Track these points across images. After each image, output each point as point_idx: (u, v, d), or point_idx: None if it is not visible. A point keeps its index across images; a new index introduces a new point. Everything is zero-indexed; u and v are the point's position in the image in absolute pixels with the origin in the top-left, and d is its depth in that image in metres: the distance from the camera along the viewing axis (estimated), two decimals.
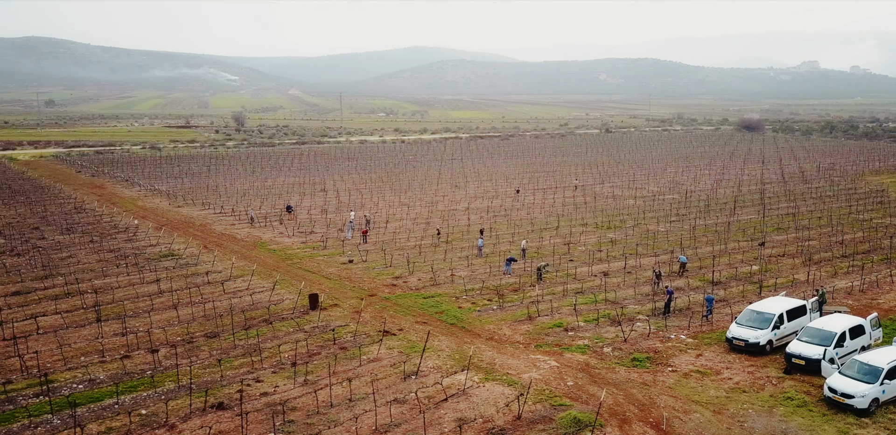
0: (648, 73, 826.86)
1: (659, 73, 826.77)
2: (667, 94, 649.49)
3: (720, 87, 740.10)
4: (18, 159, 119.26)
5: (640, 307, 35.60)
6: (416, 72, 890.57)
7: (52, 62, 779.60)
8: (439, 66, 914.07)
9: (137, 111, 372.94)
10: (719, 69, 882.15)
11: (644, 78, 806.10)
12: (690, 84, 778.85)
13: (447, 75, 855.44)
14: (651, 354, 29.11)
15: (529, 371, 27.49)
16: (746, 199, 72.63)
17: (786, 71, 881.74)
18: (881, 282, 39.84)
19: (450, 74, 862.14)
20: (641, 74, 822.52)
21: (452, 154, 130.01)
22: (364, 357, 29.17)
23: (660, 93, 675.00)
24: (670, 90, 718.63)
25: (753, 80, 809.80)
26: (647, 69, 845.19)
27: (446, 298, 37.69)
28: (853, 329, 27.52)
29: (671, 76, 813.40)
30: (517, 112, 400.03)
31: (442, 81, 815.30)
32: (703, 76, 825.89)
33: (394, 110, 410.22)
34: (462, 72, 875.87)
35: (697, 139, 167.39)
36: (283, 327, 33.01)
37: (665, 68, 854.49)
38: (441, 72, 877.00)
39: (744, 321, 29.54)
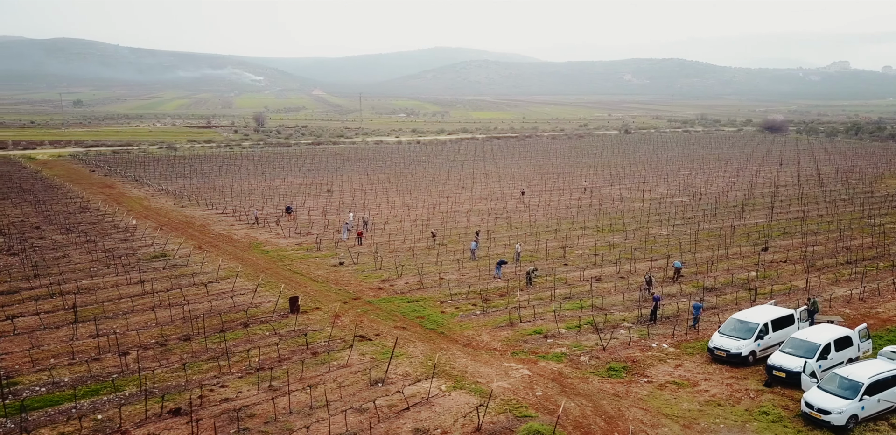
0: (674, 74, 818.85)
1: (685, 74, 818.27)
2: (692, 95, 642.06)
3: (747, 88, 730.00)
4: (37, 159, 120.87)
5: (626, 314, 34.61)
6: (438, 72, 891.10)
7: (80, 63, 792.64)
8: (462, 66, 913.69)
9: (162, 111, 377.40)
10: (746, 69, 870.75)
11: (669, 78, 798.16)
12: (717, 84, 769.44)
13: (470, 76, 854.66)
14: (629, 363, 28.15)
15: (500, 380, 26.70)
16: (757, 202, 70.91)
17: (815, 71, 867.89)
18: (883, 290, 38.35)
19: (472, 75, 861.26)
20: (667, 75, 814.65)
21: (466, 155, 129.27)
22: (334, 363, 28.60)
23: (685, 93, 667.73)
24: (696, 91, 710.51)
25: (781, 80, 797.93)
26: (673, 69, 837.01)
27: (430, 303, 36.99)
28: (839, 340, 26.31)
29: (697, 77, 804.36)
30: (539, 113, 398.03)
31: (465, 82, 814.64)
32: (730, 77, 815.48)
33: (415, 111, 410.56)
34: (485, 72, 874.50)
35: (717, 141, 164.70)
36: (258, 331, 32.56)
37: (691, 68, 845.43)
38: (464, 72, 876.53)
39: (727, 331, 28.45)
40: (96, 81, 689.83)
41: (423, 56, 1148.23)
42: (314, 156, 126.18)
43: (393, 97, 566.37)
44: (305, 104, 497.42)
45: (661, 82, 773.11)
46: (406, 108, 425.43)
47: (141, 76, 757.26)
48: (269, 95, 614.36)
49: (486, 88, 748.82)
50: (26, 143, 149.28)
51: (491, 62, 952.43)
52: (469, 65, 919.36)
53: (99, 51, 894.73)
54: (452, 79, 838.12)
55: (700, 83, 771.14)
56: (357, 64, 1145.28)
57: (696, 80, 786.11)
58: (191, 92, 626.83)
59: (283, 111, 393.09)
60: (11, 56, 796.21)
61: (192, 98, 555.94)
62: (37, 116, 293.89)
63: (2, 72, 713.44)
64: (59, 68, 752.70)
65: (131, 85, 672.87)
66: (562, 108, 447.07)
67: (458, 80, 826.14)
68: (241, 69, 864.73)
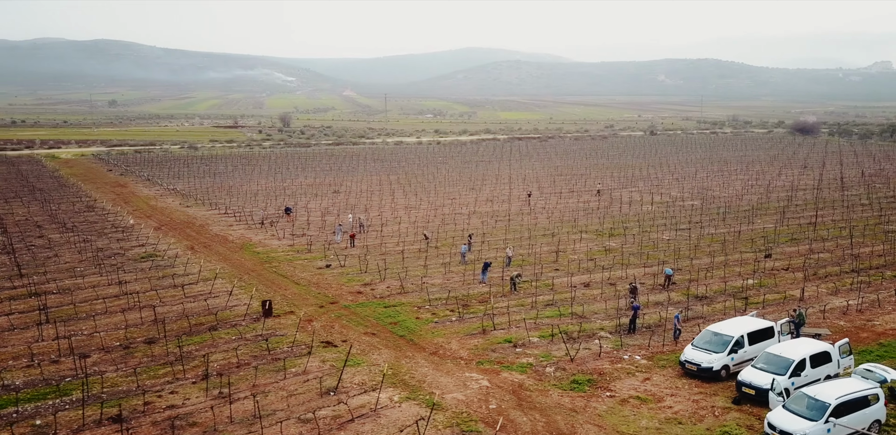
0: (709, 74, 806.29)
1: (720, 74, 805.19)
2: (727, 96, 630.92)
3: (784, 89, 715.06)
4: (60, 157, 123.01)
5: (606, 323, 33.29)
6: (469, 73, 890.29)
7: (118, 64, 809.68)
8: (493, 66, 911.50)
9: (194, 111, 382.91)
10: (784, 70, 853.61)
11: (704, 79, 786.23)
12: (753, 85, 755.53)
13: (501, 76, 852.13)
14: (595, 376, 26.90)
15: (456, 391, 25.69)
16: (771, 206, 68.59)
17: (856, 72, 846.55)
18: (884, 301, 36.37)
19: (504, 75, 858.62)
20: (701, 75, 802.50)
21: (484, 156, 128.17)
22: (292, 370, 27.86)
23: (720, 94, 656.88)
24: (731, 92, 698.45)
25: (820, 81, 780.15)
26: (708, 70, 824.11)
27: (408, 308, 36.09)
28: (816, 356, 24.73)
29: (733, 77, 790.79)
30: (568, 113, 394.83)
31: (496, 82, 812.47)
32: (767, 77, 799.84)
33: (443, 111, 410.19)
34: (516, 72, 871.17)
35: (744, 143, 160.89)
36: (224, 335, 32.00)
37: (726, 69, 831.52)
38: (495, 72, 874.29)
39: (700, 343, 27.02)
40: (133, 82, 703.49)
41: (455, 56, 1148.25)
42: (332, 156, 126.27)
43: (422, 98, 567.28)
44: (335, 105, 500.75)
45: (695, 83, 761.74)
46: (434, 109, 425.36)
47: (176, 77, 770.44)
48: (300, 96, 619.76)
49: (516, 89, 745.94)
50: (53, 142, 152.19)
51: (522, 62, 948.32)
52: (500, 65, 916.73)
53: (135, 52, 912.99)
54: (483, 79, 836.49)
55: (735, 84, 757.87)
56: (389, 64, 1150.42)
57: (731, 80, 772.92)
58: (224, 92, 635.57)
59: (311, 111, 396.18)
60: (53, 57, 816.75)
61: (225, 98, 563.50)
62: (72, 116, 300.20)
63: (44, 73, 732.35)
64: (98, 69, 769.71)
65: (166, 85, 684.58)
66: (592, 109, 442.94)
67: (488, 81, 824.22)
68: (273, 70, 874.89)
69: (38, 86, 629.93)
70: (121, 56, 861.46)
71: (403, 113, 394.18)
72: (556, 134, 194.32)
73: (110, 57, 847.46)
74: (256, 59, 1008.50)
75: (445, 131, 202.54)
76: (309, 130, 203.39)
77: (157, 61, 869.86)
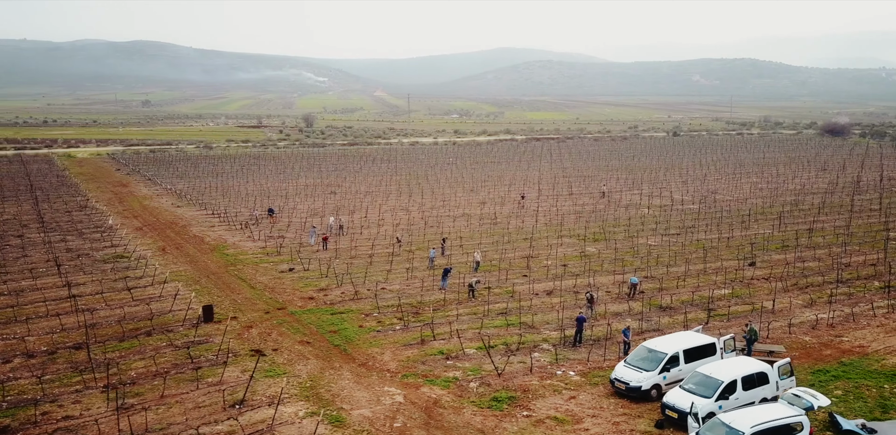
0: (746, 74, 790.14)
1: (757, 74, 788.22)
2: (764, 97, 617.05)
3: (824, 89, 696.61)
4: (76, 157, 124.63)
5: (553, 334, 31.59)
6: (500, 73, 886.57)
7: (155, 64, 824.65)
8: (524, 66, 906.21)
9: (224, 111, 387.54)
10: (823, 70, 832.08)
11: (741, 79, 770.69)
12: (791, 86, 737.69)
13: (532, 76, 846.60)
14: (518, 392, 25.29)
15: (367, 407, 24.34)
16: (774, 210, 65.72)
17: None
18: (859, 315, 33.97)
19: (535, 75, 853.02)
20: (738, 75, 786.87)
21: (496, 157, 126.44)
22: (208, 380, 26.78)
23: (757, 95, 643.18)
24: (768, 92, 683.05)
25: (862, 81, 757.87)
26: (744, 70, 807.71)
27: (355, 315, 34.82)
28: (750, 378, 22.77)
29: (770, 77, 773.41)
30: (597, 114, 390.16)
31: (527, 82, 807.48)
32: (806, 77, 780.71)
33: (470, 112, 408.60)
34: (548, 72, 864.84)
35: (768, 144, 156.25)
36: (155, 341, 31.10)
37: (764, 69, 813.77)
38: (526, 72, 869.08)
39: (633, 360, 25.22)
40: (169, 82, 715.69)
41: (487, 57, 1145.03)
42: (343, 157, 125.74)
43: (451, 98, 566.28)
44: (365, 105, 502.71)
45: (731, 83, 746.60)
46: (461, 109, 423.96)
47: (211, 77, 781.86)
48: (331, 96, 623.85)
49: (548, 89, 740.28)
50: (74, 142, 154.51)
51: (554, 62, 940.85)
52: (532, 65, 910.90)
53: (171, 52, 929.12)
54: (514, 79, 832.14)
55: (773, 84, 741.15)
56: (421, 65, 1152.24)
57: (768, 80, 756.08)
58: (257, 92, 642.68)
59: (339, 112, 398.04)
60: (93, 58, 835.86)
61: (257, 98, 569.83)
62: (103, 116, 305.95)
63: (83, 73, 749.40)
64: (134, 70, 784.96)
65: (201, 86, 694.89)
66: (622, 110, 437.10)
67: (519, 81, 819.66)
68: (306, 70, 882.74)
69: (77, 86, 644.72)
70: (157, 57, 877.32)
71: (430, 113, 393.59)
72: (577, 135, 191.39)
73: (146, 57, 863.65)
74: (290, 59, 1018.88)
75: (464, 132, 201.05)
76: (329, 131, 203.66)
77: (191, 62, 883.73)
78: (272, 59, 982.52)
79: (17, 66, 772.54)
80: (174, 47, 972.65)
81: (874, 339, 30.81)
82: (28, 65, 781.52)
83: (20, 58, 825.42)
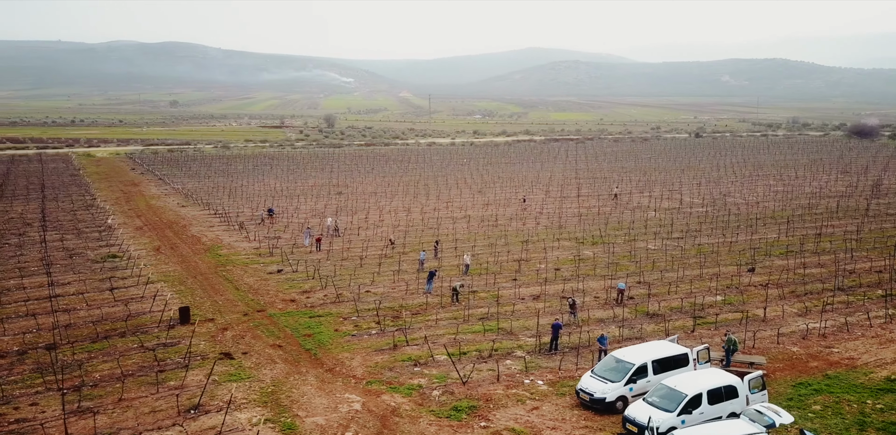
0: (776, 75, 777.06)
1: (788, 75, 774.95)
2: (795, 97, 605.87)
3: (858, 90, 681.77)
4: (95, 156, 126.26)
5: (530, 341, 30.69)
6: (527, 73, 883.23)
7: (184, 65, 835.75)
8: (551, 67, 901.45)
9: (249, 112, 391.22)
10: (857, 70, 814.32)
11: (771, 79, 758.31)
12: (823, 86, 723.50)
13: (559, 76, 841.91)
14: (481, 402, 24.48)
15: (323, 414, 23.72)
16: (785, 214, 63.86)
17: None
18: (854, 325, 32.51)
19: (562, 75, 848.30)
20: (768, 76, 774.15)
21: (512, 157, 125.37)
22: (170, 383, 26.39)
23: (787, 95, 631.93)
24: (799, 93, 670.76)
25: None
26: (775, 70, 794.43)
27: (333, 319, 34.28)
28: (717, 391, 21.68)
29: (801, 78, 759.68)
30: (622, 114, 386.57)
31: (554, 83, 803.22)
32: (839, 78, 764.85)
33: (494, 112, 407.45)
34: (575, 73, 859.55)
35: (792, 145, 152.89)
36: (127, 343, 30.84)
37: (795, 69, 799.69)
38: (553, 73, 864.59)
39: (600, 370, 24.27)
40: (197, 83, 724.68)
41: (515, 57, 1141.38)
42: (358, 157, 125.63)
43: (476, 98, 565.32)
44: (389, 106, 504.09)
45: (761, 84, 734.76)
46: (485, 110, 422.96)
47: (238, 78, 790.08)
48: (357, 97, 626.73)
49: (575, 89, 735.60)
50: (96, 141, 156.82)
51: (582, 63, 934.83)
52: (559, 65, 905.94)
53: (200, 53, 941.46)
54: (540, 80, 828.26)
55: (804, 85, 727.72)
56: (448, 65, 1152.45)
57: (799, 81, 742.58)
58: (284, 93, 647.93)
59: (363, 112, 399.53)
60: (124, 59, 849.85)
61: (284, 99, 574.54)
62: (129, 116, 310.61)
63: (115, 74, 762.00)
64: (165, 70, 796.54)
65: (228, 86, 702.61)
66: (648, 110, 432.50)
67: (546, 81, 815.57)
68: (333, 71, 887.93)
69: (109, 87, 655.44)
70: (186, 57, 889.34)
71: (454, 114, 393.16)
72: (597, 135, 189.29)
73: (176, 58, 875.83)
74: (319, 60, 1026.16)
75: (484, 132, 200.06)
76: (349, 131, 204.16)
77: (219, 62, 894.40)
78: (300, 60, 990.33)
79: (52, 66, 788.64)
80: (203, 48, 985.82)
81: (866, 350, 29.41)
82: (62, 66, 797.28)
83: (55, 59, 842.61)
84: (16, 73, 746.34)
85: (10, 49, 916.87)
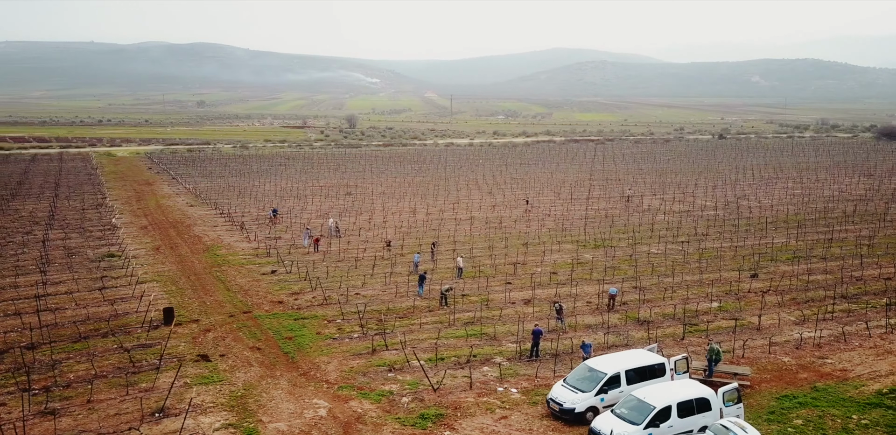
0: (808, 75, 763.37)
1: (820, 75, 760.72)
2: (827, 98, 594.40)
3: (892, 91, 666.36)
4: (115, 156, 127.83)
5: (512, 346, 29.98)
6: (553, 73, 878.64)
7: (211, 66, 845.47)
8: (577, 67, 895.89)
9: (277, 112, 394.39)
10: (893, 70, 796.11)
11: (803, 80, 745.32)
12: (856, 87, 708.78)
13: (585, 77, 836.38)
14: (449, 410, 23.87)
15: (287, 420, 23.30)
16: (799, 218, 62.19)
17: None
18: (852, 335, 31.26)
19: (588, 76, 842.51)
20: (799, 76, 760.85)
21: (528, 158, 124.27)
22: (142, 385, 26.19)
23: (819, 96, 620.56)
24: (832, 94, 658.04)
25: None
26: (807, 71, 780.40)
27: (317, 321, 33.90)
28: (687, 404, 20.82)
29: (834, 78, 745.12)
30: (648, 115, 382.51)
31: (580, 83, 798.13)
32: (873, 78, 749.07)
33: (517, 112, 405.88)
34: (601, 73, 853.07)
35: (818, 147, 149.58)
36: (107, 343, 30.75)
37: (827, 70, 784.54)
38: (579, 73, 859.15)
39: (572, 380, 23.51)
40: (225, 83, 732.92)
41: (541, 57, 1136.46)
42: (374, 158, 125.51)
43: (501, 99, 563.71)
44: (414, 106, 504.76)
45: (792, 84, 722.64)
46: (509, 110, 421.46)
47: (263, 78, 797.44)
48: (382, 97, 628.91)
49: (601, 90, 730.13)
50: (119, 140, 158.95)
51: (608, 63, 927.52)
52: (585, 66, 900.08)
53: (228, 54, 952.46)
54: (566, 80, 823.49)
55: (837, 86, 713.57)
56: (474, 66, 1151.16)
57: (831, 82, 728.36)
58: (310, 93, 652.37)
59: (387, 113, 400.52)
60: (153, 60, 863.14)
61: (310, 99, 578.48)
62: (155, 116, 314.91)
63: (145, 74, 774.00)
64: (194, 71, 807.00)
65: (255, 86, 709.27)
66: (675, 111, 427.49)
67: (572, 82, 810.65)
68: (359, 71, 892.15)
69: (139, 87, 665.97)
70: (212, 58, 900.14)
71: (477, 114, 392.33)
72: (619, 136, 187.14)
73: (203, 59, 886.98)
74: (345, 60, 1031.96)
75: (503, 133, 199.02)
76: (370, 132, 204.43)
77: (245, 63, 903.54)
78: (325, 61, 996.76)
79: (84, 67, 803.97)
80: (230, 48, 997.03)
81: (861, 362, 28.23)
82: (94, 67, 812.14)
83: (87, 60, 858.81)
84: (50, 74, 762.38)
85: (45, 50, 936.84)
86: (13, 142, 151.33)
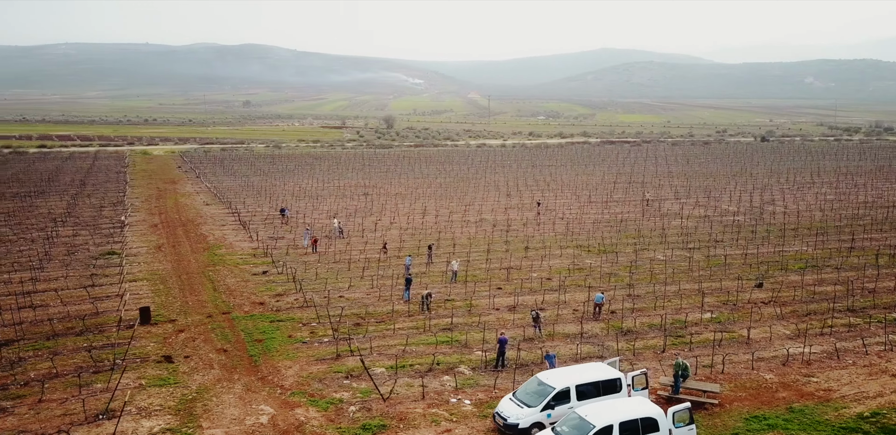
0: (865, 76, 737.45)
1: (878, 76, 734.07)
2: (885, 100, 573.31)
3: None
4: (150, 154, 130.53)
5: (480, 355, 28.91)
6: (599, 74, 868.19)
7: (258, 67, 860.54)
8: (625, 67, 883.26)
9: (320, 112, 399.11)
10: None
11: (859, 81, 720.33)
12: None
13: (632, 77, 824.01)
14: (394, 421, 22.96)
15: (226, 426, 22.72)
16: (824, 225, 59.32)
17: None
18: (848, 351, 29.23)
19: (636, 76, 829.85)
20: (856, 77, 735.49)
21: (557, 160, 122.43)
22: (96, 386, 25.98)
23: (877, 98, 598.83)
24: (890, 95, 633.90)
25: None
26: (864, 71, 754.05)
27: (291, 324, 33.36)
28: (632, 424, 19.45)
29: (893, 79, 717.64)
30: (693, 117, 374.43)
31: (626, 84, 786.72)
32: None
33: (559, 113, 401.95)
34: (649, 74, 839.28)
35: (865, 150, 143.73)
36: (78, 341, 30.75)
37: (886, 70, 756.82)
38: (626, 74, 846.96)
39: (521, 393, 22.35)
40: (272, 84, 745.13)
41: (588, 57, 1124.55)
42: (402, 158, 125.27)
43: (545, 99, 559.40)
44: (456, 107, 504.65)
45: (849, 86, 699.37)
46: (551, 111, 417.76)
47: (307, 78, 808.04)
48: (425, 98, 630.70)
49: (648, 91, 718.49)
50: (158, 139, 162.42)
51: (656, 63, 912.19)
52: (632, 66, 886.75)
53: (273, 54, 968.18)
54: (613, 81, 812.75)
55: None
56: (520, 66, 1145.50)
57: (891, 83, 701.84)
58: (354, 94, 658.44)
59: (429, 113, 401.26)
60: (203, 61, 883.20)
61: (353, 100, 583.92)
62: (201, 115, 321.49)
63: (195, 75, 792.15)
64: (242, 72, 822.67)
65: (301, 87, 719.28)
66: (722, 113, 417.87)
67: (619, 82, 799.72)
68: (403, 72, 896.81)
69: (189, 87, 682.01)
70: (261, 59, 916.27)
71: (518, 115, 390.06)
72: (657, 138, 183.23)
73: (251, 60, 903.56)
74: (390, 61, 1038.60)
75: (539, 134, 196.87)
76: (405, 132, 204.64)
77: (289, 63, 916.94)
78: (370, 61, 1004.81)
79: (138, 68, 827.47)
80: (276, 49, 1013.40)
81: (849, 381, 26.30)
82: (147, 67, 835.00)
83: (141, 61, 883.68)
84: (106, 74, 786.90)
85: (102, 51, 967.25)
86: (58, 140, 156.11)
